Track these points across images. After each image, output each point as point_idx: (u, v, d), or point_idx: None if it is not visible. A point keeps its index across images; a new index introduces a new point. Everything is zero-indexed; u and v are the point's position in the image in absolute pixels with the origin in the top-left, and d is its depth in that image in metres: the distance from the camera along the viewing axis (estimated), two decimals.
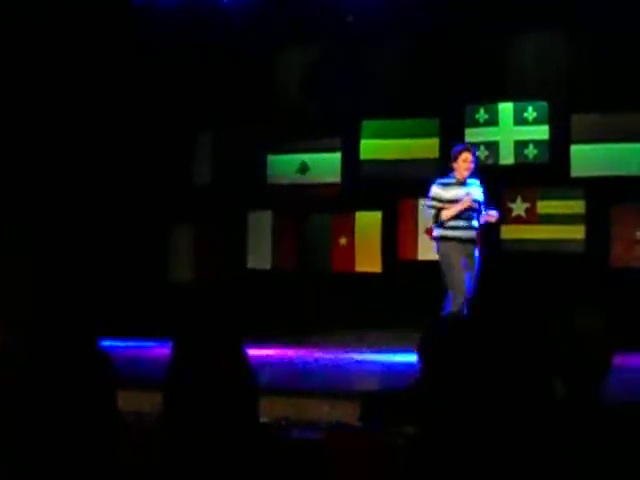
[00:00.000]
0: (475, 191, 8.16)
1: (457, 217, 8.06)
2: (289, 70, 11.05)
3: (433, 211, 8.20)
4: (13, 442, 1.98)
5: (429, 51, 10.31)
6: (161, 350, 2.44)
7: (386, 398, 3.20)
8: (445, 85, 10.25)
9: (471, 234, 8.12)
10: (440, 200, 8.10)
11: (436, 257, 10.38)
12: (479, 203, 8.19)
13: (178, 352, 2.37)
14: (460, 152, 8.18)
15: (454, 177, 8.16)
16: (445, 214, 8.05)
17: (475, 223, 8.14)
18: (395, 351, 8.35)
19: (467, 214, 8.09)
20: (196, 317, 2.45)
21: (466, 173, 8.10)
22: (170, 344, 2.37)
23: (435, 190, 8.17)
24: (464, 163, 8.10)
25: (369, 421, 3.15)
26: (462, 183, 8.12)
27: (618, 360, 3.26)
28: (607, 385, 3.03)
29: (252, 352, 2.40)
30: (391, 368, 7.29)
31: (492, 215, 8.20)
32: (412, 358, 2.79)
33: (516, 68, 10.41)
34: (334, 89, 10.62)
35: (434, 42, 10.27)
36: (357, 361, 8.12)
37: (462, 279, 8.03)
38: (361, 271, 10.69)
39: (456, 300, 7.99)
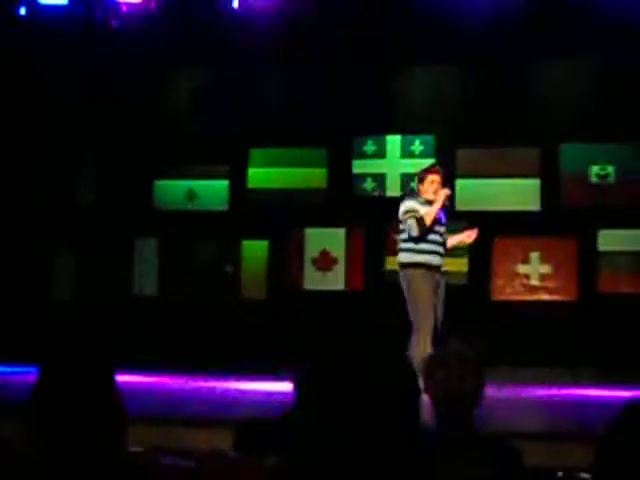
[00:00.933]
0: (444, 215, 7.77)
1: (426, 239, 7.60)
2: (178, 95, 10.99)
3: (413, 220, 7.63)
4: None
5: (319, 82, 10.38)
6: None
7: (260, 426, 3.19)
8: (334, 116, 10.33)
9: (439, 261, 7.71)
10: (417, 211, 7.61)
11: (319, 287, 10.49)
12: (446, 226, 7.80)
13: (45, 375, 2.31)
14: (426, 174, 7.74)
15: (422, 198, 7.69)
16: (427, 216, 7.52)
17: (441, 249, 7.72)
18: (275, 379, 8.31)
19: (435, 237, 7.66)
20: (68, 340, 2.40)
21: (433, 196, 7.59)
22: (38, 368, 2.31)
23: (410, 204, 7.70)
24: (431, 185, 7.64)
25: (243, 449, 3.13)
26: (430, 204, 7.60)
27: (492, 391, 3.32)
28: (478, 414, 3.08)
29: (130, 378, 2.35)
30: (270, 396, 7.24)
31: (470, 236, 7.85)
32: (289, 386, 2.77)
33: (404, 102, 10.55)
34: (223, 116, 10.60)
35: (324, 73, 10.35)
36: (237, 389, 8.06)
37: (428, 312, 7.58)
38: (247, 298, 10.64)
39: (418, 338, 7.50)
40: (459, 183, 10.28)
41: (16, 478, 2.26)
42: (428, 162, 10.33)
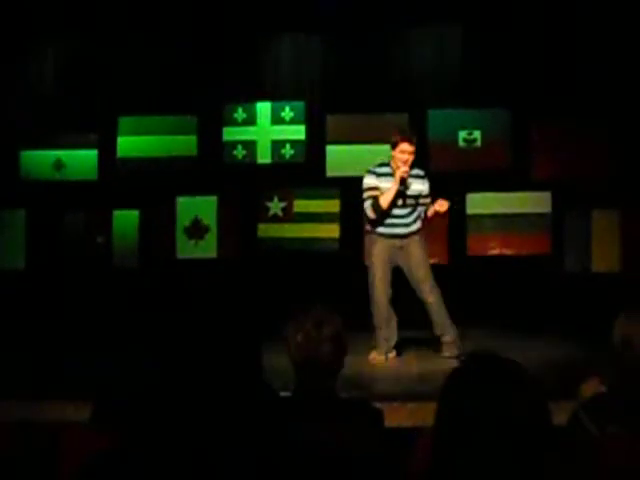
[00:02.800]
0: (416, 183, 7.53)
1: (391, 213, 7.43)
2: (45, 63, 10.74)
3: (369, 203, 7.47)
4: None
5: (187, 49, 10.28)
6: None
7: (118, 398, 3.15)
8: (204, 83, 10.26)
9: (404, 231, 7.52)
10: (377, 189, 7.43)
11: (192, 255, 10.45)
12: (419, 196, 7.54)
13: None
14: (397, 142, 7.42)
15: (390, 167, 7.50)
16: (383, 199, 7.35)
17: (411, 219, 7.53)
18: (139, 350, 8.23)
19: (404, 209, 7.48)
20: None
21: (402, 166, 7.35)
22: None
23: (369, 181, 7.51)
24: (401, 154, 7.36)
25: (101, 421, 3.09)
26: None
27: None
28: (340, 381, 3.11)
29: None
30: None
31: (442, 204, 7.45)
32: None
33: (274, 68, 10.53)
34: (90, 83, 10.42)
35: (192, 40, 10.25)
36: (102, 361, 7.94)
37: (381, 308, 7.49)
38: (118, 269, 10.52)
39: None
40: (329, 149, 10.35)
41: None
42: (299, 129, 10.42)
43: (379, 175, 7.51)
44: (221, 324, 2.01)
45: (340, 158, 10.31)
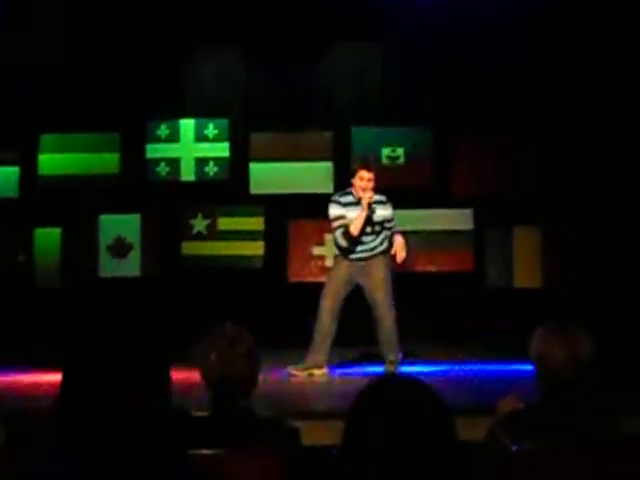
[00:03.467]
0: (380, 209, 7.66)
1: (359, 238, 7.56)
2: None
3: (340, 232, 7.58)
4: None
5: (111, 64, 10.19)
6: None
7: (31, 420, 3.12)
8: (126, 100, 10.19)
9: (368, 254, 7.66)
10: (344, 217, 7.56)
11: (115, 273, 10.35)
12: (383, 222, 7.70)
13: None
14: (356, 169, 7.61)
15: (353, 195, 7.61)
16: (354, 227, 7.45)
17: (376, 242, 7.67)
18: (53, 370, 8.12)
19: (369, 236, 7.62)
20: None
21: (362, 194, 7.46)
22: None
23: (336, 211, 7.60)
24: (360, 181, 7.48)
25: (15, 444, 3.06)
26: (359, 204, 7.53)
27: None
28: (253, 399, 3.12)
29: None
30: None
31: (400, 245, 7.65)
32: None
33: (198, 85, 10.50)
34: (11, 100, 10.28)
35: (115, 56, 10.17)
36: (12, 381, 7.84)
37: (324, 319, 7.65)
38: (39, 288, 10.38)
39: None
40: (253, 167, 10.36)
41: None
42: (223, 146, 10.41)
43: (344, 205, 7.61)
44: (130, 342, 2.01)
45: (264, 175, 10.32)
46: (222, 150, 10.43)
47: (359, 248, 7.65)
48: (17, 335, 9.68)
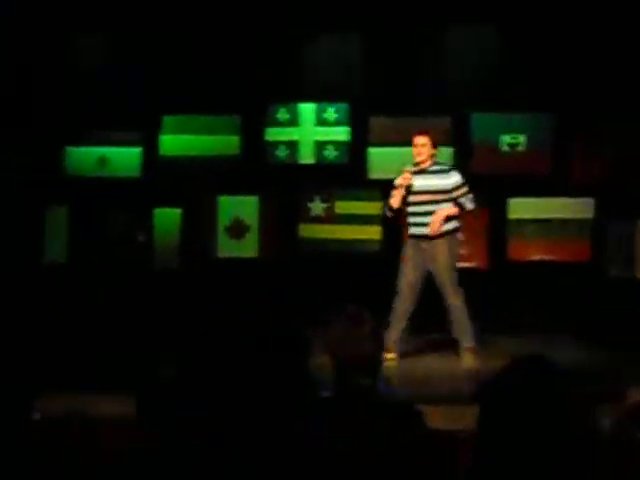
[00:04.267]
0: (437, 179, 7.55)
1: (412, 212, 7.53)
2: (89, 61, 10.81)
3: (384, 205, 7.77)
4: None
5: (232, 48, 10.30)
6: None
7: (160, 392, 3.17)
8: (248, 83, 10.29)
9: (423, 230, 7.51)
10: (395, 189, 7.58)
11: (232, 254, 10.48)
12: (439, 192, 7.52)
13: None
14: (413, 136, 7.63)
15: (410, 166, 7.62)
16: (392, 201, 7.52)
17: (424, 219, 7.52)
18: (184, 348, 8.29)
19: (423, 207, 7.52)
20: None
21: (417, 159, 7.51)
22: None
23: (396, 180, 7.65)
24: (414, 148, 7.54)
25: (145, 414, 3.11)
26: (422, 171, 7.54)
27: None
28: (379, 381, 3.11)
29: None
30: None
31: (432, 225, 7.46)
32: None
33: (318, 69, 10.52)
34: (136, 82, 10.47)
35: (237, 40, 10.28)
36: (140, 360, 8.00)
37: (403, 294, 7.61)
38: (160, 268, 10.57)
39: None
40: (372, 151, 10.34)
41: None
42: (342, 130, 10.42)
43: (403, 174, 7.61)
44: (267, 325, 2.02)
45: (382, 160, 10.29)
46: (342, 134, 10.45)
47: (414, 211, 7.56)
48: (135, 314, 9.87)
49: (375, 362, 3.07)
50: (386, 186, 10.11)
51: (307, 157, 10.50)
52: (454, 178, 7.58)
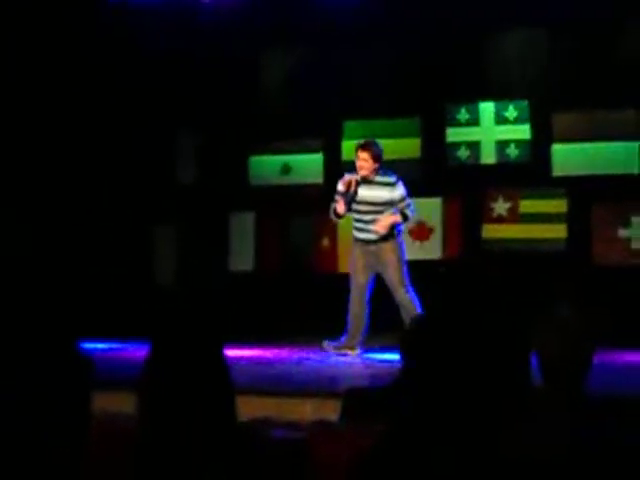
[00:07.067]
0: (377, 191, 8.12)
1: (357, 218, 8.12)
2: (272, 71, 11.03)
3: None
4: None
5: (409, 50, 10.29)
6: (141, 351, 2.41)
7: (368, 394, 3.20)
8: (426, 84, 10.27)
9: (371, 236, 8.13)
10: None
11: (417, 257, 10.45)
12: (377, 204, 8.12)
13: (156, 352, 2.35)
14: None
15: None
16: (336, 205, 8.13)
17: (366, 226, 8.14)
18: (377, 350, 8.36)
19: (366, 215, 8.09)
20: (176, 318, 2.44)
21: (360, 172, 8.08)
22: (149, 344, 2.36)
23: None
24: (356, 161, 8.15)
25: (351, 418, 3.14)
26: (365, 181, 8.10)
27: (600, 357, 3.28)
28: (589, 380, 3.05)
29: (233, 353, 2.39)
30: (373, 367, 7.28)
31: (379, 224, 8.08)
32: (395, 357, 2.78)
33: (497, 67, 10.41)
34: (316, 90, 10.60)
35: (414, 41, 10.26)
36: (339, 361, 8.12)
37: (355, 300, 8.15)
38: (343, 272, 10.64)
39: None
40: (555, 148, 10.14)
41: (129, 454, 2.30)
42: (523, 128, 10.27)
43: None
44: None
45: (566, 157, 10.09)
46: (523, 132, 10.29)
47: (359, 218, 8.12)
48: (322, 318, 9.98)
49: (588, 364, 3.02)
50: (572, 183, 9.97)
51: (488, 157, 10.39)
52: (395, 192, 8.16)
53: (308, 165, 10.85)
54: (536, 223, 10.17)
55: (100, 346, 8.55)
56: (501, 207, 10.29)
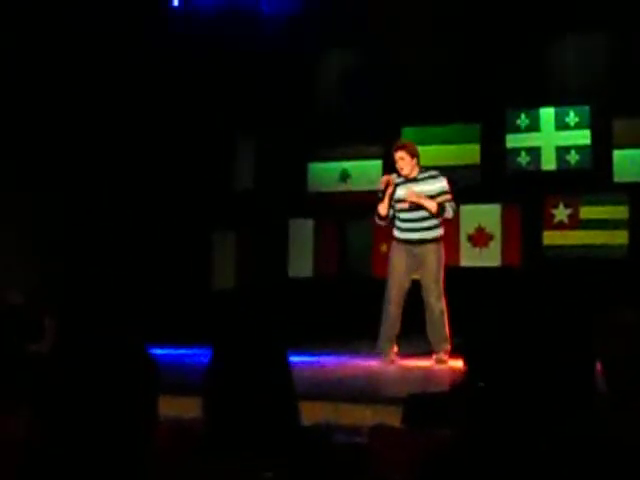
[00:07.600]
0: (420, 186, 8.11)
1: (402, 217, 8.11)
2: (330, 77, 11.08)
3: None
4: (50, 442, 2.00)
5: (469, 56, 10.28)
6: (203, 357, 2.45)
7: (429, 400, 3.21)
8: (486, 90, 10.24)
9: (415, 236, 8.11)
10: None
11: (475, 263, 10.41)
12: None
13: (218, 359, 2.39)
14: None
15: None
16: (378, 207, 8.19)
17: (425, 224, 8.10)
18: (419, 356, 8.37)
19: (404, 215, 8.13)
20: (237, 324, 2.47)
21: (401, 172, 8.14)
22: (210, 351, 2.39)
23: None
24: (395, 163, 8.19)
25: (412, 423, 3.15)
26: (408, 180, 8.12)
27: None
28: None
29: (292, 359, 2.42)
30: (431, 373, 7.28)
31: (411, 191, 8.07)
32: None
33: (557, 72, 10.36)
34: (374, 95, 10.62)
35: (474, 47, 10.25)
36: (398, 366, 8.12)
37: (389, 299, 8.12)
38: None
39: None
40: (617, 154, 10.04)
41: (193, 459, 2.33)
42: (584, 134, 10.19)
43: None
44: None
45: (628, 163, 9.99)
46: (583, 138, 10.21)
47: (405, 217, 8.13)
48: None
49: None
50: (633, 189, 9.86)
51: (549, 163, 10.32)
52: (440, 183, 8.13)
53: (367, 171, 10.86)
54: (597, 229, 10.09)
55: (162, 351, 8.62)
56: (562, 213, 10.22)
